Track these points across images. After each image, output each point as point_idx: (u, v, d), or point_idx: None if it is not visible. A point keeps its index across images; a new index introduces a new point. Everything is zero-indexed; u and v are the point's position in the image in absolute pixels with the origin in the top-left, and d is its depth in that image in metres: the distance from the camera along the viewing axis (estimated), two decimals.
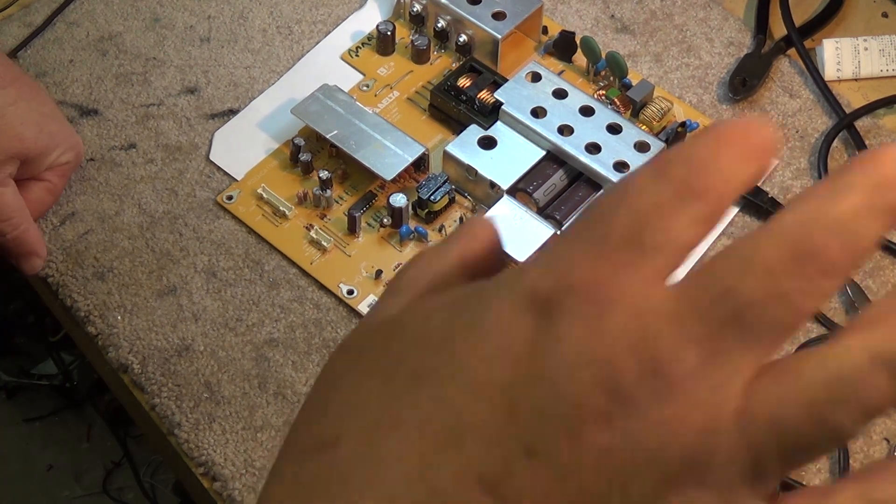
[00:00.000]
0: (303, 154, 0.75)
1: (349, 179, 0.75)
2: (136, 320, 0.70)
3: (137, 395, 0.68)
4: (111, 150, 0.77)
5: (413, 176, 0.75)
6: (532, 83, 0.76)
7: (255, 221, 0.74)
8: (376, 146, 0.74)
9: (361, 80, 0.81)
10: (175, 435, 0.66)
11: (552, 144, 0.73)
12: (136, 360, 0.68)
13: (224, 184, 0.76)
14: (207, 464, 0.64)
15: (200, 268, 0.72)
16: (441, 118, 0.78)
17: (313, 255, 0.72)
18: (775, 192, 0.75)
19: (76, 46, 0.82)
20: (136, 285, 0.71)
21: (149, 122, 0.78)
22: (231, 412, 0.66)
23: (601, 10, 0.85)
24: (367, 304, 0.70)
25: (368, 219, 0.74)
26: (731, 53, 0.83)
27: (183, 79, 0.81)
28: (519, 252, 0.69)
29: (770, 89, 0.81)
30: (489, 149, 0.74)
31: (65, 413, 1.40)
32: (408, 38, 0.82)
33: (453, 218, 0.74)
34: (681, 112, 0.79)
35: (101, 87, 0.80)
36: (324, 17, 0.84)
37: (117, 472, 1.36)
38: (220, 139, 0.78)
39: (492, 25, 0.79)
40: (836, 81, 0.82)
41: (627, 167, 0.72)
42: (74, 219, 0.74)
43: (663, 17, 0.85)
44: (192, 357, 0.68)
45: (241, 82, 0.81)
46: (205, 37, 0.83)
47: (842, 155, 0.78)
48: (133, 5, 0.85)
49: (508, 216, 0.71)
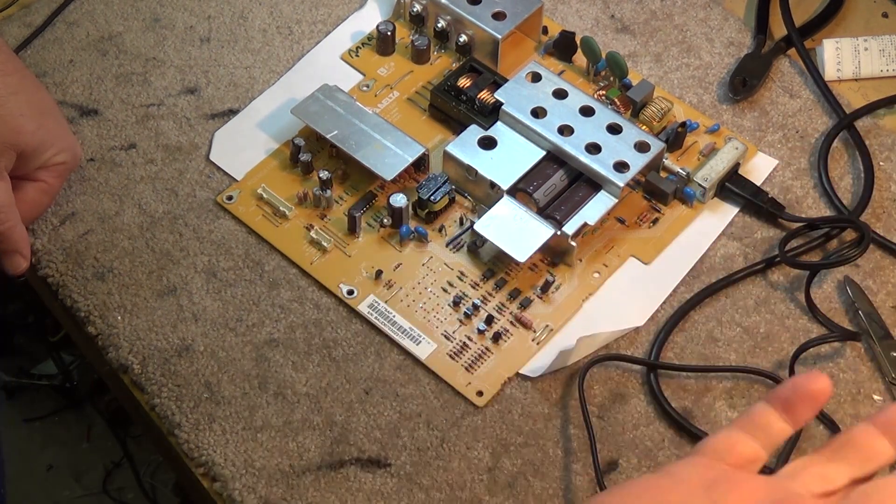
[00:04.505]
0: (303, 154, 0.75)
1: (349, 179, 0.75)
2: (136, 320, 0.70)
3: (137, 395, 0.68)
4: (111, 150, 0.77)
5: (413, 176, 0.75)
6: (532, 83, 0.76)
7: (255, 221, 0.74)
8: (376, 146, 0.74)
9: (361, 80, 0.81)
10: (175, 435, 0.66)
11: (552, 144, 0.73)
12: (136, 361, 0.68)
13: (224, 184, 0.76)
14: (207, 464, 0.64)
15: (200, 268, 0.72)
16: (441, 118, 0.78)
17: (313, 256, 0.72)
18: (775, 193, 0.75)
19: (76, 46, 0.82)
20: (136, 285, 0.71)
21: (149, 122, 0.78)
22: (231, 412, 0.66)
23: (601, 10, 0.85)
24: (367, 304, 0.70)
25: (368, 219, 0.74)
26: (732, 53, 0.83)
27: (183, 79, 0.81)
28: (519, 252, 0.69)
29: (770, 89, 0.81)
30: (489, 149, 0.74)
31: (65, 413, 1.39)
32: (408, 38, 0.82)
33: (453, 218, 0.74)
34: (681, 112, 0.79)
35: (101, 87, 0.80)
36: (324, 17, 0.84)
37: (117, 472, 1.36)
38: (220, 139, 0.78)
39: (492, 25, 0.79)
40: (836, 81, 0.82)
41: (627, 167, 0.72)
42: (74, 219, 0.74)
43: (663, 17, 0.85)
44: (192, 357, 0.68)
45: (241, 82, 0.81)
46: (205, 37, 0.83)
47: (842, 155, 0.78)
48: (133, 5, 0.85)
49: (508, 216, 0.71)
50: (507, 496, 0.64)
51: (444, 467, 0.65)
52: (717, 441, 0.48)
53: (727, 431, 0.48)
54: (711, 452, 0.47)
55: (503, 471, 0.65)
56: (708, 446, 0.48)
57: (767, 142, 0.78)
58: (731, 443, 0.47)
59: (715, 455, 0.47)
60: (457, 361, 0.68)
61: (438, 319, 0.70)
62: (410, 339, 0.69)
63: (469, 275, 0.72)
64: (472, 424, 0.66)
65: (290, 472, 0.64)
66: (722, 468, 0.46)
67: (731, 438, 0.48)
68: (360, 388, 0.67)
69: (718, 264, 0.73)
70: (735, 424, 0.48)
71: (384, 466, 0.65)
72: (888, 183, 0.76)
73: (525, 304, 0.70)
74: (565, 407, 0.67)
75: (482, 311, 0.70)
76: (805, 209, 0.75)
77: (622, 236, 0.73)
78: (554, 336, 0.69)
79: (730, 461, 0.47)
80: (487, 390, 0.67)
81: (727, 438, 0.48)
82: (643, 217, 0.74)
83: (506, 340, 0.69)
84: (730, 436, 0.48)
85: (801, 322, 0.70)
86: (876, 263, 0.73)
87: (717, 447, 0.47)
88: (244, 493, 0.63)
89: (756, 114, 0.80)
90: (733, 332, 0.70)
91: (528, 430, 0.66)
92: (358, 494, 0.64)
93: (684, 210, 0.75)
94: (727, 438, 0.48)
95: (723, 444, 0.47)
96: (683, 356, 0.69)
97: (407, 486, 0.64)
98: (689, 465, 0.47)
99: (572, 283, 0.71)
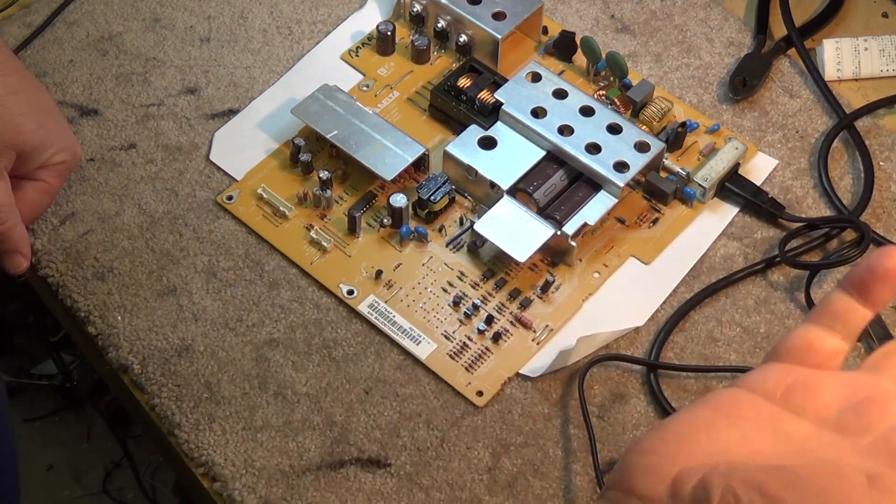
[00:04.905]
0: (303, 154, 0.75)
1: (349, 179, 0.75)
2: (136, 320, 0.70)
3: (137, 395, 0.68)
4: (111, 150, 0.77)
5: (413, 176, 0.75)
6: (532, 83, 0.76)
7: (255, 221, 0.74)
8: (376, 146, 0.74)
9: (361, 80, 0.81)
10: (175, 435, 0.66)
11: (552, 144, 0.73)
12: (136, 361, 0.68)
13: (224, 184, 0.76)
14: (207, 464, 0.64)
15: (200, 268, 0.72)
16: (441, 118, 0.78)
17: (313, 255, 0.72)
18: (775, 193, 0.75)
19: (76, 46, 0.82)
20: (136, 285, 0.71)
21: (149, 122, 0.78)
22: (231, 412, 0.66)
23: (601, 10, 0.85)
24: (367, 304, 0.70)
25: (368, 219, 0.74)
26: (732, 53, 0.83)
27: (183, 79, 0.81)
28: (519, 252, 0.69)
29: (770, 89, 0.81)
30: (489, 149, 0.74)
31: (65, 413, 1.39)
32: (408, 38, 0.82)
33: (453, 218, 0.74)
34: (681, 112, 0.79)
35: (101, 87, 0.80)
36: (324, 17, 0.84)
37: (117, 472, 1.36)
38: (220, 139, 0.78)
39: (492, 25, 0.79)
40: (836, 81, 0.82)
41: (627, 167, 0.72)
42: (74, 219, 0.74)
43: (663, 17, 0.85)
44: (192, 357, 0.68)
45: (241, 82, 0.81)
46: (205, 37, 0.83)
47: (842, 155, 0.78)
48: (133, 5, 0.85)
49: (508, 216, 0.71)
50: (507, 496, 0.64)
51: (444, 467, 0.65)
52: (792, 339, 0.44)
53: (803, 328, 0.44)
54: (787, 354, 0.44)
55: (503, 471, 0.65)
56: (783, 348, 0.44)
57: (767, 142, 0.78)
58: (808, 339, 0.44)
59: (792, 356, 0.44)
60: (457, 361, 0.68)
61: (438, 319, 0.70)
62: (410, 339, 0.69)
63: (469, 275, 0.72)
64: (472, 424, 0.66)
65: (290, 472, 0.64)
66: (799, 370, 0.43)
67: (809, 334, 0.44)
68: (360, 388, 0.67)
69: (718, 264, 0.73)
70: (810, 320, 0.44)
71: (384, 466, 0.65)
72: (888, 183, 0.76)
73: (525, 304, 0.70)
74: (565, 407, 0.67)
75: (482, 311, 0.70)
76: (805, 209, 0.75)
77: (622, 236, 0.73)
78: (554, 336, 0.69)
79: (810, 360, 0.43)
80: (487, 390, 0.67)
81: (804, 335, 0.44)
82: (643, 217, 0.74)
83: (506, 340, 0.69)
84: (807, 332, 0.44)
85: (801, 322, 0.70)
86: None
87: (794, 346, 0.44)
88: (244, 493, 0.63)
89: (756, 114, 0.80)
90: (733, 332, 0.70)
91: (528, 430, 0.66)
92: (358, 494, 0.64)
93: (684, 210, 0.75)
94: (804, 335, 0.44)
95: (799, 343, 0.44)
96: (683, 356, 0.69)
97: (407, 486, 0.64)
98: (763, 372, 0.43)
99: (572, 283, 0.71)
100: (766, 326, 0.70)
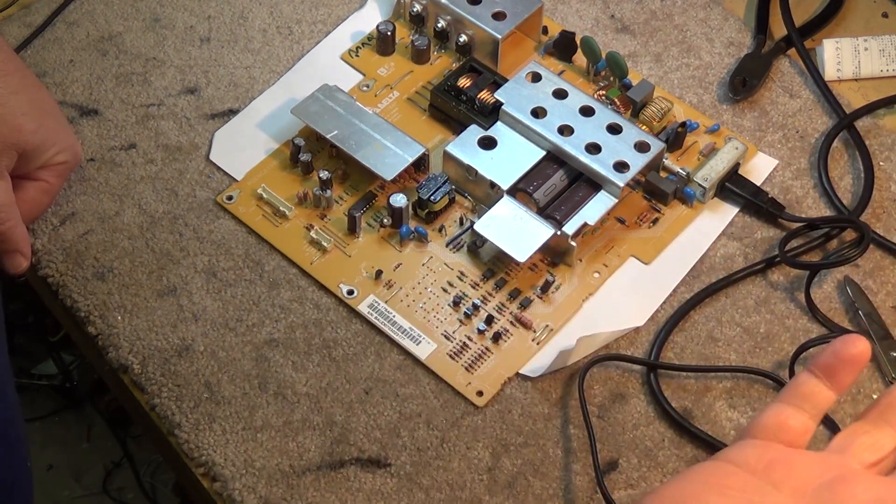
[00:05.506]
0: (303, 154, 0.75)
1: (349, 179, 0.75)
2: (136, 320, 0.70)
3: (137, 395, 0.68)
4: (111, 150, 0.77)
5: (413, 176, 0.75)
6: (532, 83, 0.76)
7: (255, 221, 0.74)
8: (376, 146, 0.74)
9: (361, 80, 0.81)
10: (175, 435, 0.66)
11: (552, 144, 0.73)
12: (136, 361, 0.68)
13: (224, 184, 0.76)
14: (207, 464, 0.65)
15: (200, 268, 0.72)
16: (441, 118, 0.78)
17: (313, 255, 0.72)
18: (775, 193, 0.75)
19: (76, 46, 0.82)
20: (136, 285, 0.71)
21: (149, 122, 0.78)
22: (231, 412, 0.66)
23: (601, 10, 0.85)
24: (367, 304, 0.70)
25: (368, 219, 0.74)
26: (732, 53, 0.83)
27: (183, 79, 0.81)
28: (519, 252, 0.69)
29: (770, 89, 0.81)
30: (489, 149, 0.74)
31: (65, 413, 1.39)
32: (408, 38, 0.82)
33: (453, 218, 0.74)
34: (681, 112, 0.79)
35: (101, 87, 0.80)
36: (324, 17, 0.84)
37: (117, 472, 1.36)
38: (220, 139, 0.78)
39: (492, 25, 0.79)
40: (836, 81, 0.82)
41: (627, 167, 0.72)
42: (74, 219, 0.74)
43: (663, 17, 0.85)
44: (192, 357, 0.68)
45: (241, 82, 0.81)
46: (205, 37, 0.83)
47: (842, 155, 0.78)
48: (133, 5, 0.85)
49: (508, 216, 0.71)
50: (507, 496, 0.64)
51: (444, 467, 0.65)
52: (766, 418, 0.48)
53: (775, 407, 0.48)
54: (762, 431, 0.47)
55: (503, 471, 0.65)
56: (758, 425, 0.48)
57: (767, 142, 0.78)
58: (780, 418, 0.48)
59: (766, 433, 0.47)
60: (457, 361, 0.68)
61: (438, 319, 0.70)
62: (410, 339, 0.69)
63: (469, 275, 0.72)
64: (472, 424, 0.66)
65: (290, 472, 0.64)
66: (776, 448, 0.46)
67: (781, 414, 0.48)
68: (360, 388, 0.67)
69: (718, 264, 0.73)
70: (780, 399, 0.48)
71: (384, 466, 0.65)
72: (888, 183, 0.76)
73: (525, 304, 0.70)
74: (565, 407, 0.67)
75: (482, 311, 0.70)
76: (805, 209, 0.75)
77: (622, 236, 0.73)
78: (554, 336, 0.69)
79: (782, 438, 0.47)
80: (487, 390, 0.67)
81: (776, 414, 0.48)
82: (643, 217, 0.74)
83: (506, 340, 0.69)
84: (778, 411, 0.48)
85: (801, 322, 0.70)
86: (876, 263, 0.73)
87: (768, 425, 0.48)
88: (244, 493, 0.63)
89: (756, 114, 0.80)
90: (733, 332, 0.70)
91: (528, 430, 0.66)
92: (358, 494, 0.64)
93: (684, 210, 0.75)
94: (776, 414, 0.48)
95: (773, 421, 0.48)
96: (683, 356, 0.69)
97: (407, 486, 0.64)
98: (742, 448, 0.46)
99: (572, 283, 0.71)
100: (766, 326, 0.70)
